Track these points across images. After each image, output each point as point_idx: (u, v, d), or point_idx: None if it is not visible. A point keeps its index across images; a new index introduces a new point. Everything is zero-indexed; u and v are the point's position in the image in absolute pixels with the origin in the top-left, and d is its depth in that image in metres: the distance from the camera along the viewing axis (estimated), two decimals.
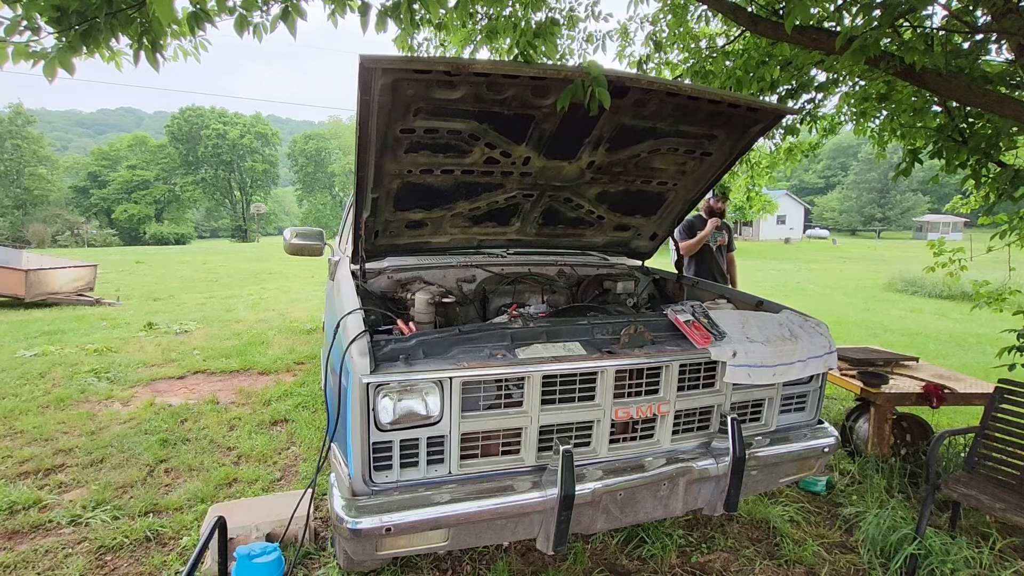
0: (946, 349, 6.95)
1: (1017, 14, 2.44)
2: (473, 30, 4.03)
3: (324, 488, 2.73)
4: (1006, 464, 2.50)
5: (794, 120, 4.43)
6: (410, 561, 2.31)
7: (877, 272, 17.34)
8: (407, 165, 2.27)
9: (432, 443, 1.73)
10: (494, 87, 1.98)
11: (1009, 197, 2.98)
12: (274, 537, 2.33)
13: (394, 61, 1.76)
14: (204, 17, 2.14)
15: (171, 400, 4.31)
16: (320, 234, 3.23)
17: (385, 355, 1.72)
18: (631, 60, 4.66)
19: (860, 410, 3.42)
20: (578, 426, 1.89)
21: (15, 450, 3.35)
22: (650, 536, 2.50)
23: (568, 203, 2.80)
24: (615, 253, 3.38)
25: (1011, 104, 2.59)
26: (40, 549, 2.39)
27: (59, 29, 1.98)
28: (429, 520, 1.63)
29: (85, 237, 42.88)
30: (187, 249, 32.26)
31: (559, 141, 2.31)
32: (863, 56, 2.34)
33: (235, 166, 54.33)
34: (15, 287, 8.61)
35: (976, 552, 2.40)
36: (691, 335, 2.04)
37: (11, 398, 4.28)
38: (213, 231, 62.42)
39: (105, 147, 55.78)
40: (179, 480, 3.05)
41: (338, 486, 1.72)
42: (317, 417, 3.93)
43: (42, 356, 5.56)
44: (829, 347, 2.17)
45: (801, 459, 2.19)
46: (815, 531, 2.66)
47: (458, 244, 2.91)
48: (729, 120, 2.40)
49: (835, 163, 65.70)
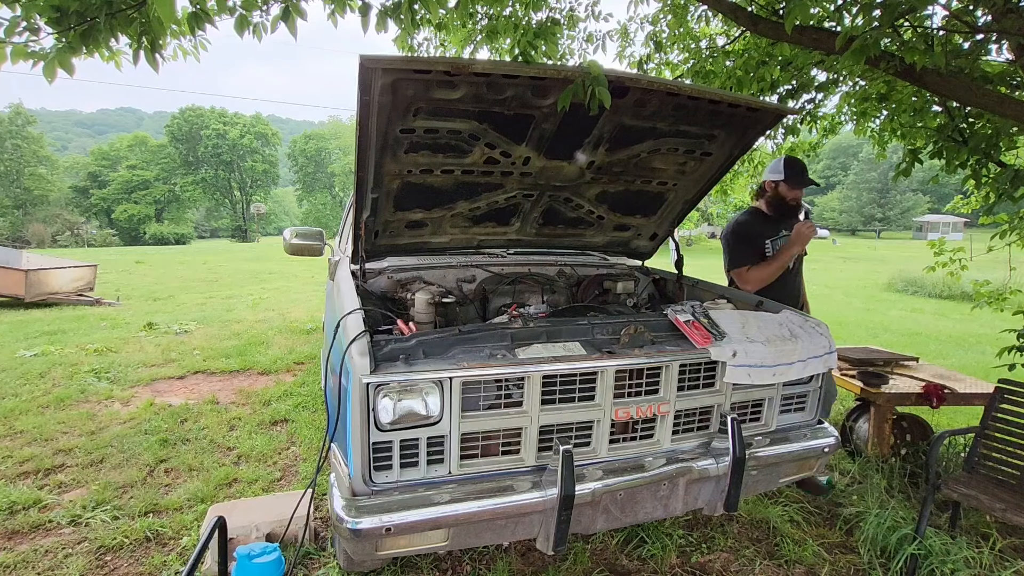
0: (946, 349, 6.95)
1: (1017, 14, 2.44)
2: (473, 30, 4.03)
3: (324, 488, 2.73)
4: (1006, 464, 2.50)
5: (794, 120, 4.42)
6: (410, 561, 2.31)
7: (877, 272, 17.33)
8: (407, 165, 2.26)
9: (432, 443, 1.73)
10: (494, 87, 1.97)
11: (1009, 197, 2.98)
12: (274, 537, 2.33)
13: (394, 61, 1.76)
14: (204, 17, 2.14)
15: (171, 400, 4.31)
16: (320, 234, 3.23)
17: (385, 355, 1.72)
18: (631, 60, 4.66)
19: (860, 410, 3.42)
20: (578, 426, 1.88)
21: (15, 450, 3.35)
22: (650, 536, 2.49)
23: (568, 203, 2.80)
24: (615, 253, 3.37)
25: (1011, 104, 2.59)
26: (40, 549, 2.39)
27: (58, 30, 1.97)
28: (429, 520, 1.63)
29: (85, 237, 42.89)
30: (187, 249, 32.26)
31: (559, 141, 2.31)
32: (863, 56, 2.34)
33: (235, 166, 54.33)
34: (15, 287, 8.61)
35: (976, 552, 2.40)
36: (691, 335, 2.04)
37: (11, 398, 4.28)
38: (213, 231, 62.42)
39: (105, 147, 55.79)
40: (179, 480, 3.05)
41: (338, 486, 1.72)
42: (317, 417, 3.93)
43: (42, 356, 5.56)
44: (829, 347, 2.17)
45: (801, 459, 2.19)
46: (815, 531, 2.66)
47: (458, 244, 2.91)
48: (729, 120, 2.40)
49: (835, 163, 65.63)
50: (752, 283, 2.76)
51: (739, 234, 2.88)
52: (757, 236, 2.84)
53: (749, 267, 2.78)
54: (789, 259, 2.74)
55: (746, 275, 2.77)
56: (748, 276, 2.77)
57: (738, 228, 2.90)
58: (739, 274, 2.79)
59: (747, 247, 2.83)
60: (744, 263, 2.81)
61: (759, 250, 2.83)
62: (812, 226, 2.74)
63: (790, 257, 2.74)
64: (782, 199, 2.84)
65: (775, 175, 2.83)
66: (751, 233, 2.86)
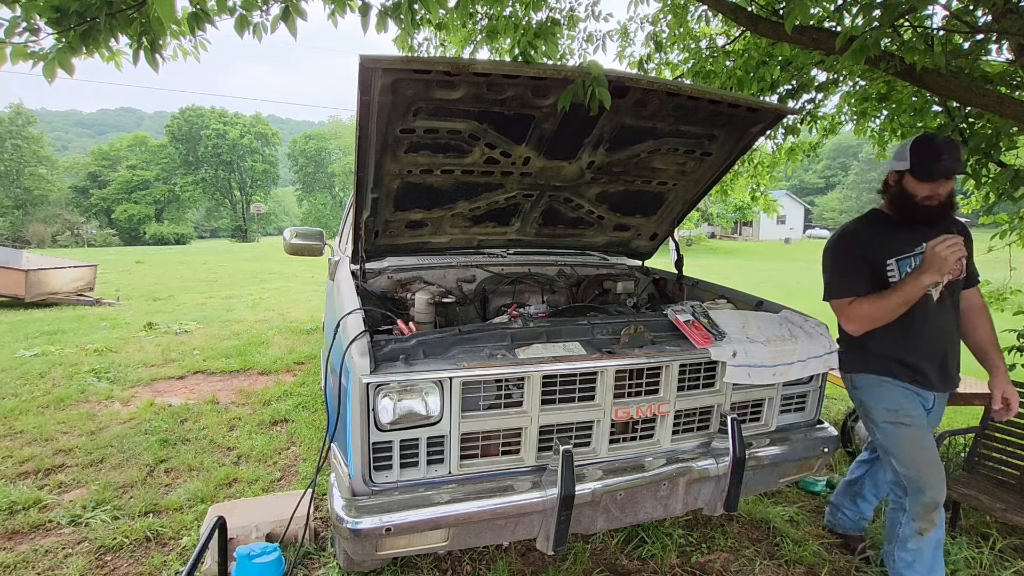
0: None
1: (1017, 14, 2.44)
2: (473, 30, 4.03)
3: (324, 488, 2.73)
4: (1006, 464, 2.50)
5: (795, 120, 4.42)
6: (410, 561, 2.31)
7: None
8: (407, 165, 2.27)
9: (432, 443, 1.73)
10: (494, 87, 1.97)
11: (1009, 197, 2.98)
12: (274, 537, 2.33)
13: (394, 61, 1.76)
14: (204, 17, 2.14)
15: (171, 400, 4.31)
16: (320, 234, 3.23)
17: (385, 355, 1.72)
18: (631, 60, 4.66)
19: None
20: (578, 426, 1.88)
21: (15, 450, 3.35)
22: (650, 536, 2.50)
23: (568, 203, 2.80)
24: (615, 253, 3.37)
25: (1011, 104, 2.59)
26: (40, 549, 2.39)
27: (58, 30, 1.97)
28: (429, 520, 1.63)
29: (85, 237, 42.90)
30: (187, 249, 32.27)
31: (559, 141, 2.31)
32: (863, 56, 2.35)
33: (235, 166, 54.34)
34: (15, 287, 8.62)
35: (976, 552, 2.40)
36: (691, 335, 2.04)
37: (11, 398, 4.27)
38: (213, 231, 62.44)
39: (105, 147, 55.80)
40: (179, 480, 3.05)
41: (338, 486, 1.72)
42: (317, 417, 3.93)
43: (42, 356, 5.56)
44: (829, 347, 2.17)
45: (801, 459, 2.19)
46: (815, 531, 2.66)
47: (458, 244, 2.91)
48: (729, 120, 2.40)
49: (835, 163, 65.68)
50: (857, 321, 1.97)
51: (841, 250, 2.05)
52: (874, 253, 1.97)
53: (853, 299, 1.96)
54: (919, 291, 1.82)
55: (848, 310, 1.98)
56: (852, 312, 1.97)
57: (841, 242, 2.06)
58: (839, 308, 2.01)
59: (852, 269, 1.99)
60: (846, 292, 1.99)
61: (876, 274, 1.96)
62: (957, 244, 1.75)
63: (920, 288, 1.81)
64: (910, 199, 1.91)
65: (899, 163, 1.93)
66: (863, 248, 1.99)
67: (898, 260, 1.95)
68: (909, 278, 1.85)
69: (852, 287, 1.98)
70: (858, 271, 1.98)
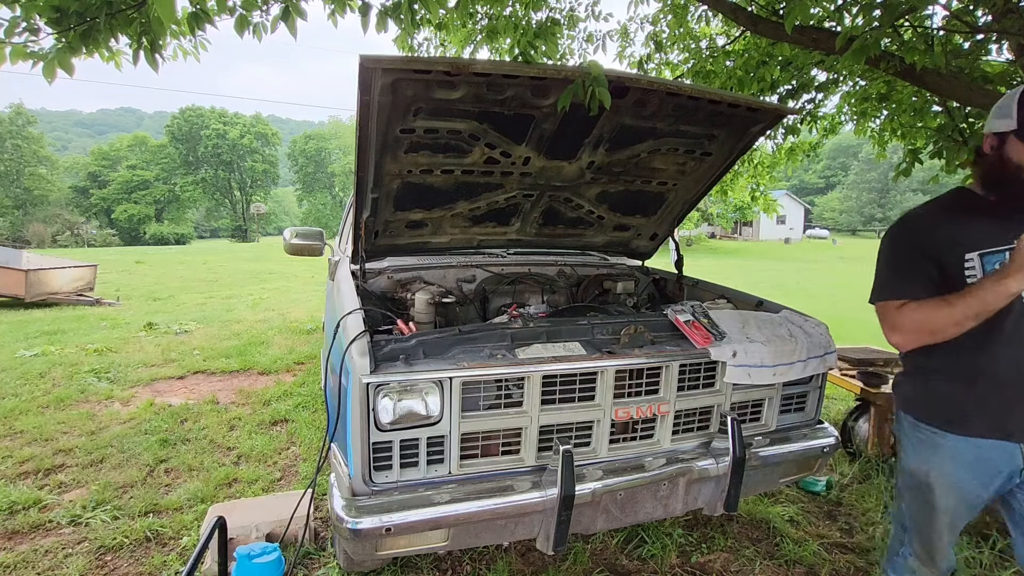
0: None
1: (1017, 14, 2.44)
2: (473, 30, 4.04)
3: (324, 488, 2.73)
4: None
5: (795, 120, 4.43)
6: (410, 561, 2.31)
7: None
8: (407, 165, 2.27)
9: (432, 443, 1.73)
10: (494, 87, 1.97)
11: None
12: (274, 537, 2.33)
13: (394, 61, 1.76)
14: (204, 17, 2.14)
15: (171, 400, 4.31)
16: (320, 234, 3.23)
17: (385, 355, 1.72)
18: (631, 60, 4.67)
19: (860, 410, 3.41)
20: (578, 426, 1.88)
21: (15, 450, 3.35)
22: (650, 536, 2.50)
23: (568, 203, 2.80)
24: (615, 253, 3.37)
25: None
26: (40, 549, 2.39)
27: (58, 30, 1.98)
28: (429, 520, 1.63)
29: (85, 237, 42.92)
30: (187, 249, 32.27)
31: (559, 141, 2.31)
32: (863, 56, 2.35)
33: (235, 166, 54.37)
34: (15, 287, 8.62)
35: (976, 552, 2.40)
36: (691, 335, 2.04)
37: (11, 398, 4.28)
38: (213, 231, 62.47)
39: (105, 147, 55.83)
40: (179, 480, 3.05)
41: (338, 486, 1.72)
42: (317, 417, 3.93)
43: (42, 356, 5.56)
44: (829, 347, 2.17)
45: (801, 459, 2.19)
46: (815, 531, 2.66)
47: (458, 244, 2.91)
48: (729, 120, 2.40)
49: (835, 163, 65.69)
50: (904, 332, 1.47)
51: (900, 240, 1.54)
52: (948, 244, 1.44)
53: (906, 301, 1.46)
54: (1001, 299, 1.31)
55: (894, 317, 1.48)
56: (899, 320, 1.47)
57: (902, 230, 1.55)
58: (883, 313, 1.51)
59: (910, 266, 1.50)
60: (895, 294, 1.49)
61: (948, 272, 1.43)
62: None
63: (1003, 296, 1.30)
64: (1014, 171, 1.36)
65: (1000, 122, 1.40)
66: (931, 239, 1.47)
67: (982, 255, 1.42)
68: (988, 281, 1.34)
69: (905, 288, 1.48)
70: (917, 268, 1.47)
